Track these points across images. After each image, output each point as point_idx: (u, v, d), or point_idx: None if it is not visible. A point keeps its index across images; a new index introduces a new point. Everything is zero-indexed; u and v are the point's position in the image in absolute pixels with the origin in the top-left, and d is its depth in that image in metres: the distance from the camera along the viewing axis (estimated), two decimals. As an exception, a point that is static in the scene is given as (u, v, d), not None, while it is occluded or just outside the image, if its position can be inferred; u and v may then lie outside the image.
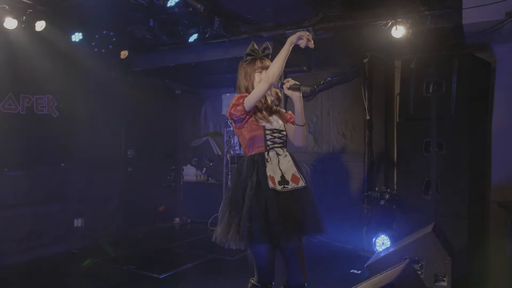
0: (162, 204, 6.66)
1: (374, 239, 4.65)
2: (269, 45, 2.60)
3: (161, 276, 4.20)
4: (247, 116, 2.45)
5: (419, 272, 3.25)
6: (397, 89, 4.95)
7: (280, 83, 2.50)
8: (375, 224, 4.95)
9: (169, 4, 3.79)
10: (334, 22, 4.28)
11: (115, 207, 5.78)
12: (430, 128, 4.05)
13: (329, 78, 5.57)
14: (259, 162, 2.44)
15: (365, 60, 5.21)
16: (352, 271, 4.31)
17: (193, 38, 4.61)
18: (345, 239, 5.24)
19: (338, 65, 5.54)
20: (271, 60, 2.49)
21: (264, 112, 2.53)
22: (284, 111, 2.70)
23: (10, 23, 4.10)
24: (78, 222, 5.29)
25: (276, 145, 2.52)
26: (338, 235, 5.31)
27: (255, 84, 2.51)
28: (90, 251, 5.05)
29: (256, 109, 2.49)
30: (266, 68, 2.52)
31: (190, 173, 7.02)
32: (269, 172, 2.41)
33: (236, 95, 2.48)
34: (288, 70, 5.81)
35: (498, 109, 4.27)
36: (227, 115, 2.50)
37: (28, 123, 4.79)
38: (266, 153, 2.47)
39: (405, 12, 3.95)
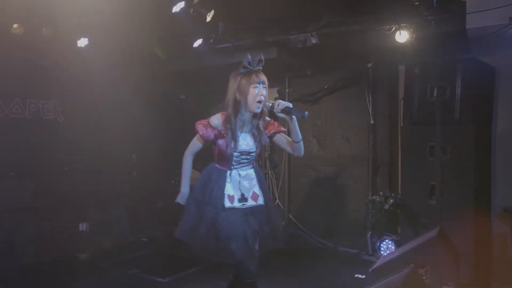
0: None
1: (378, 244, 4.65)
2: (262, 58, 2.57)
3: (166, 280, 4.21)
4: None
5: (424, 277, 3.24)
6: (401, 94, 4.95)
7: (270, 106, 2.47)
8: (380, 228, 4.94)
9: (174, 9, 3.83)
10: (338, 27, 4.30)
11: (120, 211, 5.80)
12: (434, 133, 4.05)
13: (333, 83, 5.58)
14: (220, 180, 2.58)
15: (369, 65, 5.22)
16: (356, 275, 4.31)
17: (198, 43, 4.65)
18: (349, 243, 5.23)
19: (342, 70, 5.56)
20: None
21: (237, 134, 2.55)
22: (265, 125, 2.66)
23: (18, 28, 4.15)
24: (83, 226, 5.32)
25: (241, 165, 2.62)
26: (343, 240, 5.32)
27: (249, 98, 2.47)
28: (95, 255, 5.08)
29: (228, 130, 2.54)
30: (262, 82, 2.49)
31: (194, 177, 7.01)
32: (227, 191, 2.55)
33: (201, 124, 2.59)
34: (293, 75, 5.84)
35: (503, 113, 4.26)
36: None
37: (35, 127, 4.83)
38: (229, 172, 2.59)
39: (408, 17, 3.97)
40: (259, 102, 2.48)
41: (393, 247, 4.49)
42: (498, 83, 4.29)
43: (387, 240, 4.58)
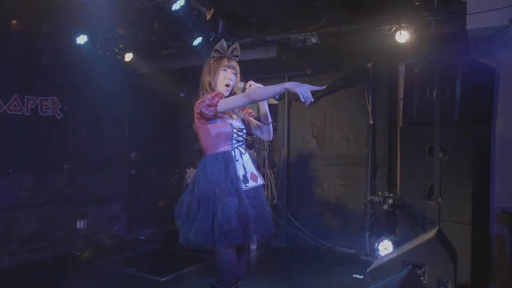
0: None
1: (376, 244, 4.64)
2: (238, 47, 2.61)
3: (163, 279, 4.20)
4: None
5: (422, 278, 3.24)
6: (400, 94, 4.95)
7: (243, 87, 2.51)
8: (378, 229, 4.94)
9: (174, 7, 3.81)
10: (339, 27, 4.29)
11: (118, 209, 5.79)
12: (434, 133, 4.05)
13: (332, 82, 5.57)
14: (227, 161, 2.43)
15: (369, 65, 5.21)
16: (354, 276, 4.31)
17: (197, 41, 4.63)
18: (347, 243, 5.23)
19: (342, 70, 5.54)
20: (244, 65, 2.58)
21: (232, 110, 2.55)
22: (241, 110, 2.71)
23: (16, 25, 4.13)
24: (81, 224, 5.30)
25: (239, 143, 2.55)
26: (341, 240, 5.32)
27: (218, 81, 2.52)
28: (93, 253, 5.06)
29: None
30: (232, 67, 2.54)
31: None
32: (238, 172, 2.45)
33: (210, 94, 2.43)
34: (292, 74, 5.83)
35: (502, 114, 4.26)
36: (197, 112, 2.45)
37: (33, 124, 4.81)
38: (233, 151, 2.49)
39: (409, 17, 3.96)
40: (227, 85, 2.53)
41: (391, 248, 4.48)
42: (498, 84, 4.29)
43: (385, 241, 4.58)
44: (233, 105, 2.42)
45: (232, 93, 2.61)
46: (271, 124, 2.65)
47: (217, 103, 2.38)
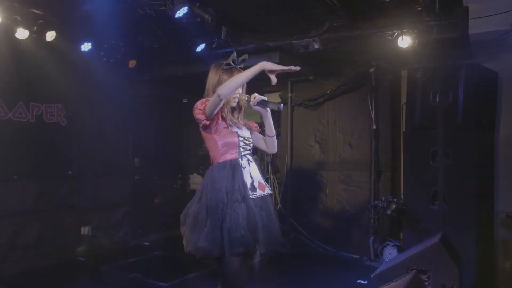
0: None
1: (381, 249, 4.63)
2: (247, 58, 2.60)
3: (167, 284, 4.21)
4: (212, 122, 2.45)
5: (426, 283, 3.23)
6: (403, 99, 4.95)
7: (247, 99, 2.51)
8: (382, 234, 4.93)
9: (177, 14, 3.84)
10: (341, 32, 4.30)
11: (122, 215, 5.81)
12: (437, 138, 4.05)
13: (335, 88, 5.58)
14: (235, 169, 2.44)
15: (372, 70, 5.22)
16: (358, 281, 4.29)
17: (200, 48, 4.66)
18: (351, 248, 5.22)
19: (344, 75, 5.56)
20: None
21: (237, 117, 2.57)
22: (247, 122, 2.72)
23: (22, 33, 4.17)
24: (85, 230, 5.32)
25: (247, 152, 2.55)
26: (345, 245, 5.31)
27: (230, 96, 2.49)
28: (97, 259, 5.07)
29: (230, 114, 2.53)
30: None
31: (196, 181, 7.03)
32: (246, 179, 2.45)
33: (200, 100, 2.46)
34: (295, 79, 5.86)
35: (505, 118, 4.26)
36: (196, 120, 2.48)
37: (38, 131, 4.85)
38: (240, 159, 2.48)
39: (411, 22, 3.97)
40: (234, 98, 2.54)
41: (395, 253, 4.47)
42: (501, 88, 4.29)
43: (389, 246, 4.57)
44: (211, 105, 2.38)
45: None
46: (275, 136, 2.64)
47: (204, 108, 2.41)
